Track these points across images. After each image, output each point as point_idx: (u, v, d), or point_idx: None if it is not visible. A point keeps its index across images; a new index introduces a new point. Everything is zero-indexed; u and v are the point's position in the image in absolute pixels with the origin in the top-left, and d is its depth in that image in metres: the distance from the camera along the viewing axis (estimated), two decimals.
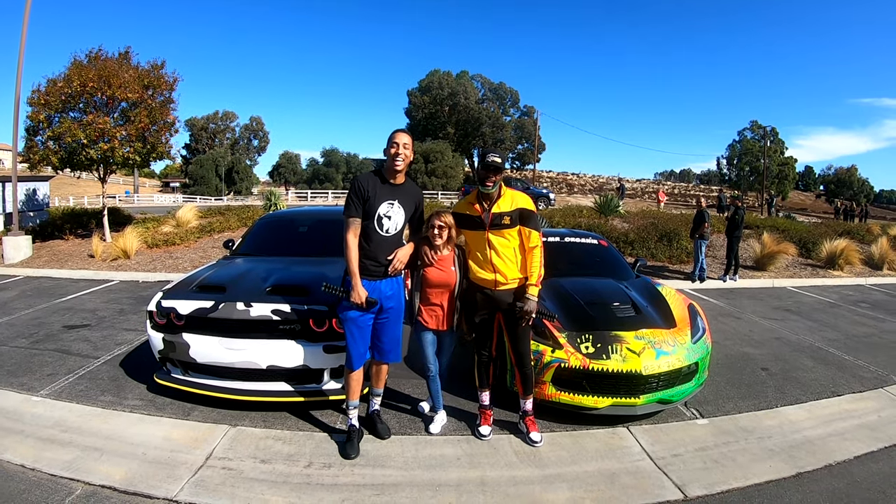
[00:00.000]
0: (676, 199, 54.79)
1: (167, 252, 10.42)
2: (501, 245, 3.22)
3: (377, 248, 3.09)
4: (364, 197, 3.03)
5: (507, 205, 3.22)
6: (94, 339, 5.28)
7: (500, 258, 3.22)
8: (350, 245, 3.01)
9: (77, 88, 9.55)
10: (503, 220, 3.19)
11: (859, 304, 8.27)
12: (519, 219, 3.21)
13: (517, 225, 3.21)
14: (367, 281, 3.06)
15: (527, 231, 3.22)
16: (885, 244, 11.79)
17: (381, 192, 3.09)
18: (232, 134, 66.11)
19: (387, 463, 3.01)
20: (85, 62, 10.09)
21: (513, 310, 3.23)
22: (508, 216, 3.19)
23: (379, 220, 3.08)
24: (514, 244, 3.24)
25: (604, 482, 2.92)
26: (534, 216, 3.24)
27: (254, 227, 5.70)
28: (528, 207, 3.23)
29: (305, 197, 43.87)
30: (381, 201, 3.08)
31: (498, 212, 3.20)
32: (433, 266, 3.30)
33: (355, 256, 3.01)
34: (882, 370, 4.94)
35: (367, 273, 3.08)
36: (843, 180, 67.97)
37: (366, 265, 3.07)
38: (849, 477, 3.09)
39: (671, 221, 12.99)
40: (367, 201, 3.04)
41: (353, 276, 3.00)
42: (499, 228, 3.20)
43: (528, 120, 54.87)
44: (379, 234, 3.09)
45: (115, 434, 3.25)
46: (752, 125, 57.39)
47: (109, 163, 10.09)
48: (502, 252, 3.22)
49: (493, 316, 3.35)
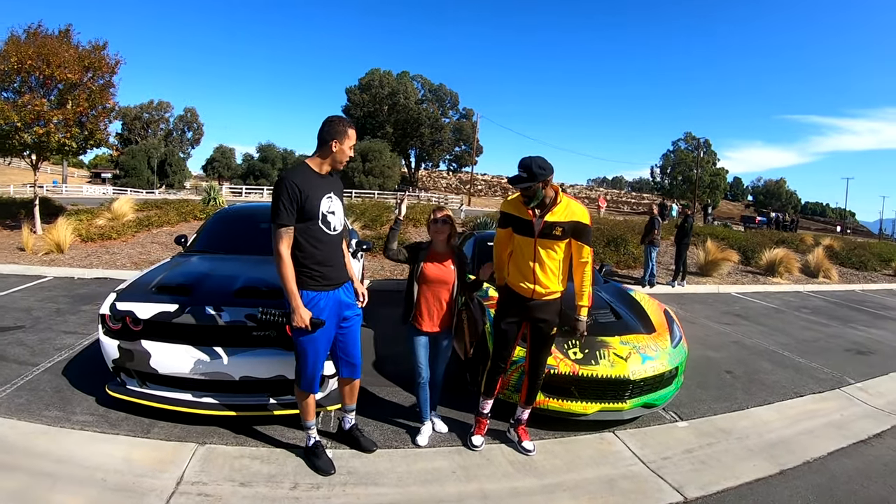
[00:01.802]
0: (610, 205, 57.10)
1: (103, 247, 9.61)
2: (548, 256, 2.99)
3: (329, 249, 2.74)
4: (300, 198, 2.59)
5: (562, 214, 2.95)
6: (31, 342, 4.69)
7: (543, 270, 3.00)
8: (285, 259, 2.57)
9: (14, 66, 8.62)
10: (555, 231, 2.93)
11: (801, 309, 8.86)
12: (572, 232, 2.97)
13: (568, 238, 2.98)
14: (322, 293, 2.71)
15: (578, 246, 2.99)
16: (821, 254, 12.76)
17: (318, 186, 2.69)
18: (166, 125, 62.75)
19: (379, 480, 2.81)
20: (23, 38, 9.11)
21: (542, 321, 3.08)
22: (561, 227, 2.93)
23: (324, 219, 2.70)
24: (561, 257, 3.01)
25: (604, 489, 2.89)
26: (588, 230, 3.00)
27: (209, 222, 5.29)
28: (583, 221, 2.97)
29: (240, 193, 42.04)
30: (320, 197, 2.68)
31: (552, 220, 2.94)
32: (432, 262, 3.16)
33: (292, 273, 2.59)
34: (836, 372, 5.27)
35: (323, 283, 2.71)
36: (772, 192, 73.69)
37: (322, 274, 2.70)
38: (827, 472, 3.25)
39: (617, 227, 13.44)
40: (306, 201, 2.61)
41: (293, 297, 2.58)
42: (548, 239, 2.96)
43: (467, 122, 55.84)
44: (328, 234, 2.72)
45: (67, 456, 2.83)
46: (686, 136, 60.95)
47: (44, 149, 9.13)
48: (547, 263, 3.00)
49: (519, 324, 3.18)
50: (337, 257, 2.82)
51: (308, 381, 2.79)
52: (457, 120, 57.18)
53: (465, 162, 56.70)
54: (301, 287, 2.64)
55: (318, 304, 2.69)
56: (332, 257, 2.78)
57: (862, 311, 9.10)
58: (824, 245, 14.46)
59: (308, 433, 2.92)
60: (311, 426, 2.92)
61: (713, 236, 13.68)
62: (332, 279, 2.77)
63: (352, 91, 53.95)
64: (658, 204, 28.38)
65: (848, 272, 13.31)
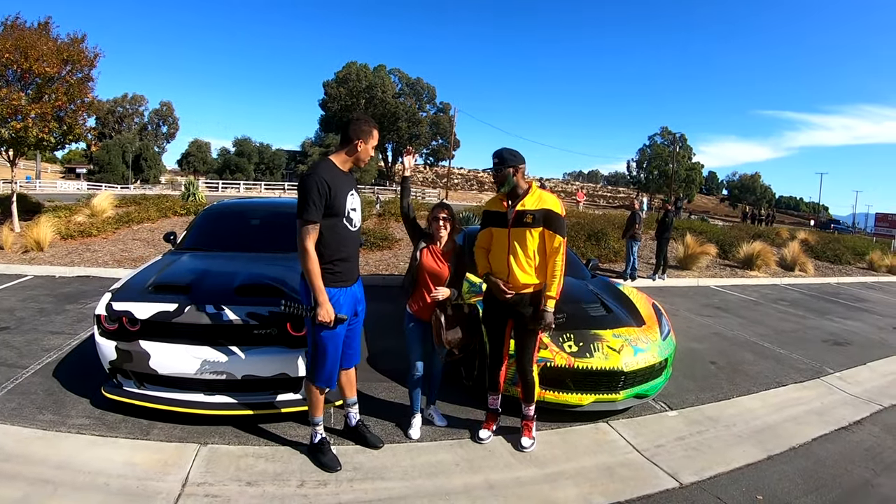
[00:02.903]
0: (587, 199, 57.73)
1: (83, 244, 9.37)
2: (521, 245, 3.08)
3: (352, 246, 2.81)
4: (329, 194, 2.60)
5: (532, 203, 3.08)
6: (17, 344, 4.58)
7: (517, 261, 3.08)
8: (311, 255, 2.57)
9: None
10: (525, 219, 3.05)
11: (779, 301, 9.16)
12: (543, 220, 3.05)
13: (540, 226, 3.06)
14: (342, 290, 2.74)
15: (550, 235, 3.05)
16: (797, 247, 13.16)
17: (343, 183, 2.73)
18: (140, 119, 61.03)
19: (386, 475, 2.85)
20: (0, 31, 8.75)
21: (520, 314, 3.13)
22: (532, 215, 3.04)
23: (348, 216, 2.75)
24: (535, 246, 3.09)
25: (604, 476, 2.99)
26: (559, 220, 3.07)
27: (200, 218, 5.23)
28: (553, 209, 3.07)
29: (217, 187, 41.26)
30: (346, 194, 2.74)
31: (522, 209, 3.07)
32: (430, 254, 3.20)
33: (318, 269, 2.59)
34: (814, 362, 5.48)
35: (343, 279, 2.74)
36: (746, 186, 75.28)
37: (343, 269, 2.73)
38: (813, 457, 3.42)
39: (597, 222, 13.63)
40: (334, 198, 2.63)
41: (320, 294, 2.59)
42: (521, 227, 3.07)
43: (444, 116, 55.84)
44: (350, 231, 2.78)
45: (66, 461, 2.77)
46: (662, 131, 61.82)
47: (21, 144, 8.82)
48: (520, 254, 3.08)
49: (505, 318, 3.23)
50: (356, 254, 2.88)
51: (326, 376, 2.82)
52: (434, 114, 56.95)
53: (442, 156, 56.62)
54: (324, 284, 2.66)
55: (338, 301, 2.72)
56: (353, 254, 2.83)
57: (838, 303, 9.46)
58: (800, 239, 14.92)
59: (315, 429, 2.94)
60: (319, 422, 2.94)
61: (692, 230, 13.99)
62: (351, 276, 2.82)
63: (329, 85, 53.31)
64: (637, 199, 28.93)
65: (823, 265, 13.78)
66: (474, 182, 66.96)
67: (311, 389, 2.87)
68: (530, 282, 3.10)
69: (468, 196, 51.88)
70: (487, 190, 59.95)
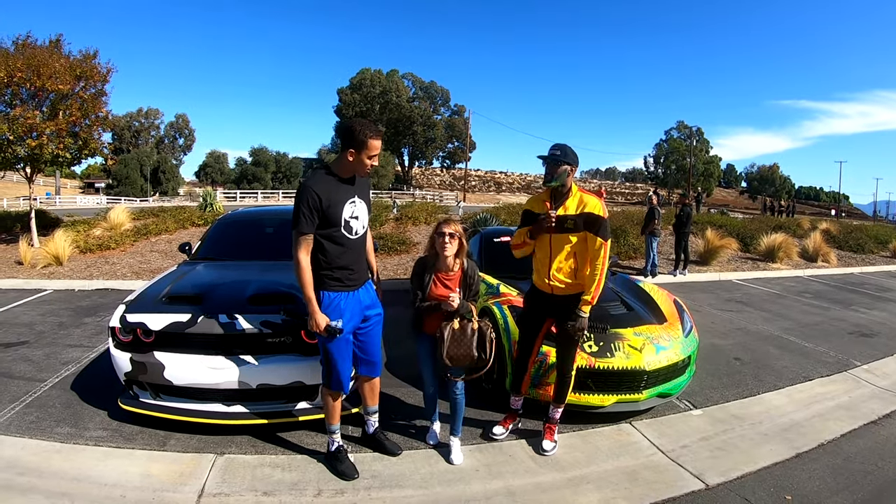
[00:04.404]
0: (605, 197, 57.22)
1: (102, 257, 9.53)
2: (562, 251, 2.99)
3: (351, 253, 2.74)
4: (321, 206, 2.59)
5: (573, 207, 2.99)
6: (36, 358, 4.63)
7: (559, 265, 3.01)
8: (303, 266, 2.59)
9: (3, 79, 8.48)
10: (566, 224, 2.95)
11: (803, 294, 8.90)
12: (584, 224, 2.95)
13: (582, 230, 2.96)
14: (343, 294, 2.72)
15: (591, 237, 2.94)
16: (819, 238, 12.81)
17: (341, 192, 2.68)
18: (157, 132, 62.45)
19: (403, 483, 2.79)
20: (11, 50, 8.95)
21: (564, 318, 3.05)
22: (573, 220, 2.95)
23: (346, 225, 2.70)
24: (577, 251, 3.00)
25: (627, 480, 2.89)
26: (601, 222, 2.94)
27: (213, 228, 5.25)
28: (595, 212, 2.95)
29: (234, 197, 41.89)
30: (343, 203, 2.68)
31: (563, 214, 2.97)
32: (438, 282, 2.98)
33: (310, 280, 2.61)
34: (841, 355, 5.30)
35: (342, 285, 2.73)
36: (765, 177, 73.96)
37: (341, 276, 2.71)
38: (842, 454, 3.29)
39: (616, 218, 13.44)
40: (328, 209, 2.61)
41: (310, 303, 2.60)
42: (561, 232, 2.97)
43: (459, 119, 56.00)
44: (349, 239, 2.73)
45: (83, 474, 2.77)
46: (678, 125, 61.26)
47: (37, 161, 9.01)
48: (562, 258, 3.00)
49: (542, 321, 3.17)
50: (359, 260, 2.82)
51: (336, 381, 2.80)
52: (448, 116, 57.26)
53: (458, 158, 56.84)
54: (322, 288, 2.67)
55: (338, 306, 2.70)
56: (354, 261, 2.78)
57: (862, 293, 9.17)
58: (822, 229, 14.54)
59: (332, 437, 2.91)
60: (336, 430, 2.91)
61: (712, 224, 13.71)
62: (354, 281, 2.78)
63: (343, 92, 53.88)
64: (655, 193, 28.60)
65: (846, 255, 13.39)
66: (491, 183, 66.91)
67: (326, 397, 2.86)
68: (574, 283, 3.03)
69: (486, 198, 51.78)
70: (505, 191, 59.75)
